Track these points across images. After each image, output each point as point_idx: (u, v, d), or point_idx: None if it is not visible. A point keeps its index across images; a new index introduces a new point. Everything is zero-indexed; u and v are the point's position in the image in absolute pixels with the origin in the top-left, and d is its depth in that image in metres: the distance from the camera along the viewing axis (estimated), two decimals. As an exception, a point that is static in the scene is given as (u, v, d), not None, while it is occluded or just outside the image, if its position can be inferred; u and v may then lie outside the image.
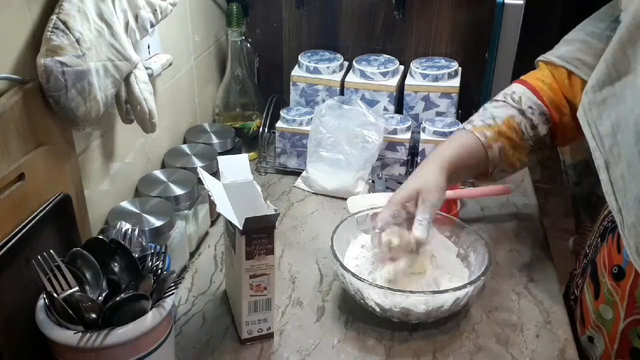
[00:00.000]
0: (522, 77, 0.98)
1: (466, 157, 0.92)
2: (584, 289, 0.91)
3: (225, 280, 0.96)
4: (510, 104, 0.95)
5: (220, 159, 0.90)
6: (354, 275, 0.86)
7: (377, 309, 0.86)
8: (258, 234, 0.78)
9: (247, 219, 0.75)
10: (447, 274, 0.91)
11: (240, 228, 0.76)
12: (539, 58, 0.97)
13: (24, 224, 0.70)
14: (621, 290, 0.82)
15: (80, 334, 0.66)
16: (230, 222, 0.79)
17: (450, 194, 1.06)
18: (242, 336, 0.85)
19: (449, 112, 1.23)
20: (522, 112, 0.94)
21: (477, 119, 0.95)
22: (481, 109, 0.97)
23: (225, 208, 0.80)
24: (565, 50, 0.93)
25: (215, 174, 1.08)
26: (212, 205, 1.07)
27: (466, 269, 0.93)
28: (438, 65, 1.24)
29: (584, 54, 0.90)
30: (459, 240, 0.97)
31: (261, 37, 1.35)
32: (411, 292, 0.85)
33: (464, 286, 0.85)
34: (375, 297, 0.86)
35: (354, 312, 0.91)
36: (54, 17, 0.72)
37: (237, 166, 0.89)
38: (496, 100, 0.97)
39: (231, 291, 0.91)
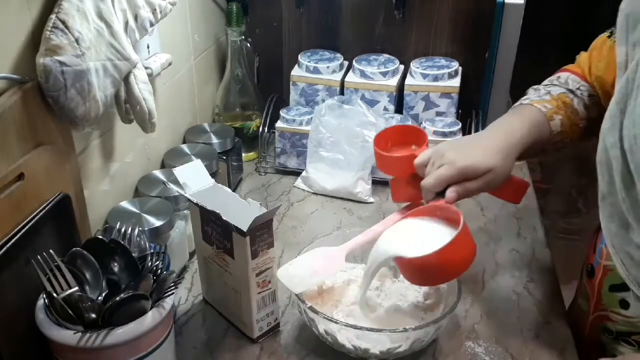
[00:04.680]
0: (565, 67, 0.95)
1: (537, 132, 0.87)
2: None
3: (207, 291, 0.93)
4: (558, 85, 0.91)
5: (176, 170, 0.87)
6: (312, 309, 0.81)
7: (326, 336, 0.82)
8: (260, 231, 0.78)
9: (255, 219, 0.75)
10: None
11: (245, 230, 0.76)
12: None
13: (23, 223, 0.70)
14: (591, 287, 0.90)
15: (80, 334, 0.66)
16: (226, 228, 0.79)
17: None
18: (253, 335, 0.85)
19: (449, 112, 1.23)
20: (572, 92, 0.90)
21: (532, 95, 0.91)
22: (531, 89, 0.93)
23: (227, 214, 0.79)
24: None
25: (215, 173, 1.08)
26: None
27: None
28: (438, 65, 1.24)
29: None
30: None
31: (261, 37, 1.35)
32: (369, 328, 0.79)
33: (427, 325, 0.79)
34: (337, 334, 0.81)
35: (354, 312, 0.91)
36: (53, 16, 0.72)
37: (195, 174, 0.87)
38: (544, 85, 0.93)
39: (223, 297, 0.89)
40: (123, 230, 0.79)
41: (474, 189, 0.83)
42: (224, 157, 1.14)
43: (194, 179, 0.87)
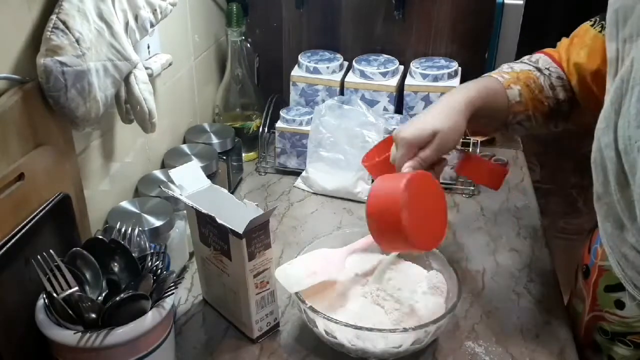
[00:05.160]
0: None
1: (488, 95, 0.86)
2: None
3: (206, 291, 0.94)
4: (527, 63, 0.92)
5: (172, 172, 0.87)
6: (312, 309, 0.81)
7: (326, 336, 0.82)
8: (256, 233, 0.78)
9: (250, 221, 0.75)
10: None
11: (241, 232, 0.76)
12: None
13: (23, 223, 0.70)
14: (586, 287, 0.90)
15: (80, 334, 0.66)
16: (222, 230, 0.79)
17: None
18: (253, 335, 0.85)
19: (449, 112, 1.23)
20: (539, 70, 0.90)
21: (493, 72, 0.92)
22: (497, 68, 0.94)
23: (223, 216, 0.79)
24: None
25: (215, 174, 1.09)
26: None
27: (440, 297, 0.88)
28: (438, 65, 1.24)
29: None
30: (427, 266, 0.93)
31: (261, 37, 1.35)
32: (369, 328, 0.79)
33: (427, 325, 0.79)
34: (338, 332, 0.81)
35: (354, 312, 0.91)
36: (53, 17, 0.72)
37: (191, 175, 0.87)
38: (512, 62, 0.94)
39: (222, 298, 0.89)
40: (123, 230, 0.79)
41: (428, 156, 0.81)
42: (224, 157, 1.15)
43: (190, 180, 0.86)
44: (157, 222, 0.91)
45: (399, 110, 1.26)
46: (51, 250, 0.70)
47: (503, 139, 0.96)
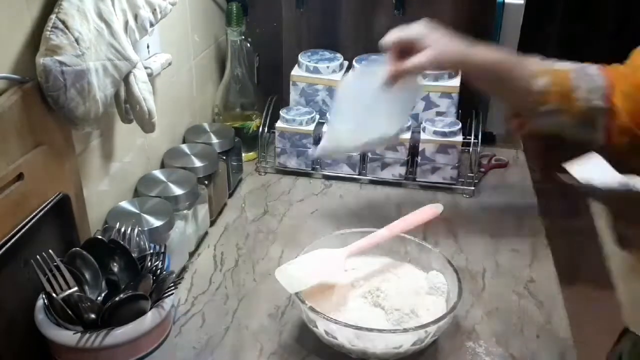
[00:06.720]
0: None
1: (505, 63, 0.90)
2: None
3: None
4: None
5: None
6: (312, 309, 0.81)
7: (326, 337, 0.82)
8: None
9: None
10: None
11: None
12: None
13: (22, 224, 0.70)
14: None
15: (79, 334, 0.66)
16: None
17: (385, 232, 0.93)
18: None
19: (449, 112, 1.23)
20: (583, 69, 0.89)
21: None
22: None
23: None
24: None
25: (215, 173, 1.08)
26: (212, 205, 1.08)
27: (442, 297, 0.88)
28: (438, 65, 1.24)
29: None
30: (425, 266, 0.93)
31: (261, 36, 1.35)
32: (369, 329, 0.79)
33: (427, 325, 0.79)
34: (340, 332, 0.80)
35: (354, 312, 0.91)
36: (53, 16, 0.72)
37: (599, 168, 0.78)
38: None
39: None
40: (122, 230, 0.79)
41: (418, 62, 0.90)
42: (224, 157, 1.14)
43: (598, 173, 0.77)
44: (156, 222, 0.90)
45: (399, 110, 1.26)
46: (50, 251, 0.70)
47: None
